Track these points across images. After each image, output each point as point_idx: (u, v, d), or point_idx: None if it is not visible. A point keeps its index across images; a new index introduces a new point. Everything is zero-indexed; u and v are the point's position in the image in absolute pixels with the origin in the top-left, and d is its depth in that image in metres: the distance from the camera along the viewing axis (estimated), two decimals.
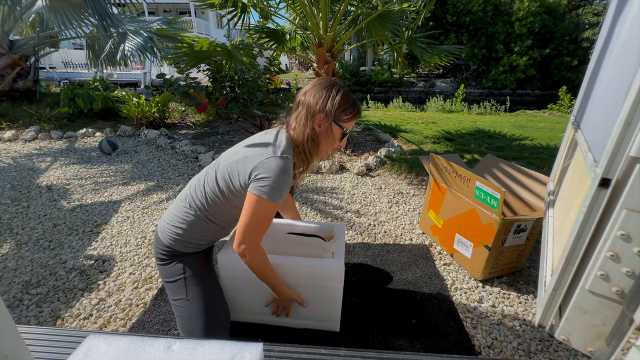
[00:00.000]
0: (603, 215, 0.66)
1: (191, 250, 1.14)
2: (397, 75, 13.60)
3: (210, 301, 1.08)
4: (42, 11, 5.47)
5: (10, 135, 4.10)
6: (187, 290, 1.08)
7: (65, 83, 8.74)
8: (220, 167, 1.07)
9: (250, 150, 1.02)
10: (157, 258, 1.15)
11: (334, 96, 1.01)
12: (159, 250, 1.14)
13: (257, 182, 0.96)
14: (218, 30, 21.47)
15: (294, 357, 0.65)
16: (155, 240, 1.16)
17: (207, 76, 5.40)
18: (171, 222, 1.11)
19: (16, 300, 1.54)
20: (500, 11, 12.22)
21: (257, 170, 0.96)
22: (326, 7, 3.26)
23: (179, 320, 1.08)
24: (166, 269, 1.12)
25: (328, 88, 1.02)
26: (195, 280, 1.10)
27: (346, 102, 1.03)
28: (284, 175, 0.97)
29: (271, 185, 0.95)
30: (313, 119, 1.02)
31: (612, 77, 0.86)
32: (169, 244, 1.11)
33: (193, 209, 1.09)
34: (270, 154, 0.98)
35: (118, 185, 2.83)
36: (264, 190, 0.95)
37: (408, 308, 1.50)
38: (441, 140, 4.41)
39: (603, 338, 0.67)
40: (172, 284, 1.11)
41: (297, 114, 1.05)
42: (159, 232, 1.15)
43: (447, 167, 1.81)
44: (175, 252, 1.12)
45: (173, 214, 1.12)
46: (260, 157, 0.98)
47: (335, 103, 1.01)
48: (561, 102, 7.50)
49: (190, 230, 1.09)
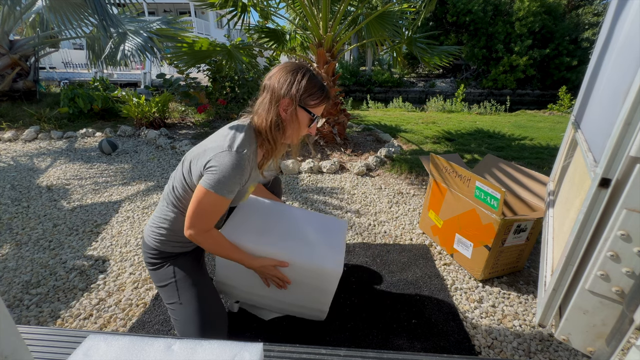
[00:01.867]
0: (603, 215, 0.66)
1: (178, 250, 1.14)
2: (397, 75, 13.60)
3: (204, 303, 1.07)
4: (42, 11, 5.47)
5: (10, 135, 4.10)
6: (180, 294, 1.07)
7: (65, 83, 8.74)
8: (185, 160, 1.07)
9: (210, 144, 1.00)
10: (147, 263, 1.14)
11: (299, 80, 0.97)
12: (147, 255, 1.13)
13: (207, 174, 0.95)
14: (218, 30, 21.48)
15: (294, 357, 0.65)
16: (142, 246, 1.16)
17: (207, 76, 5.40)
18: (154, 223, 1.12)
19: (16, 300, 1.54)
20: (500, 11, 12.22)
21: (210, 163, 0.95)
22: (326, 7, 3.26)
23: (175, 324, 1.08)
24: (157, 273, 1.12)
25: (294, 72, 0.98)
26: (186, 283, 1.09)
27: (313, 86, 0.99)
28: (235, 170, 0.94)
29: (219, 180, 0.93)
30: (278, 103, 0.98)
31: (612, 77, 0.86)
32: (155, 246, 1.11)
33: (171, 206, 1.09)
34: (225, 148, 0.95)
35: (118, 185, 2.83)
36: (211, 184, 0.94)
37: (408, 308, 1.50)
38: (441, 140, 4.41)
39: (603, 338, 0.67)
40: (164, 289, 1.10)
41: (262, 99, 1.01)
42: (145, 237, 1.14)
43: (447, 167, 1.81)
44: (163, 254, 1.12)
45: (155, 216, 1.13)
46: (215, 150, 0.96)
47: (301, 87, 0.97)
48: (561, 102, 7.50)
49: (173, 228, 1.10)
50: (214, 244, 1.05)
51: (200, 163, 0.98)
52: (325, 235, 1.28)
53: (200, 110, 5.27)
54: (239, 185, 1.00)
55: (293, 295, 1.22)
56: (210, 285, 1.17)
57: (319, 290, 1.20)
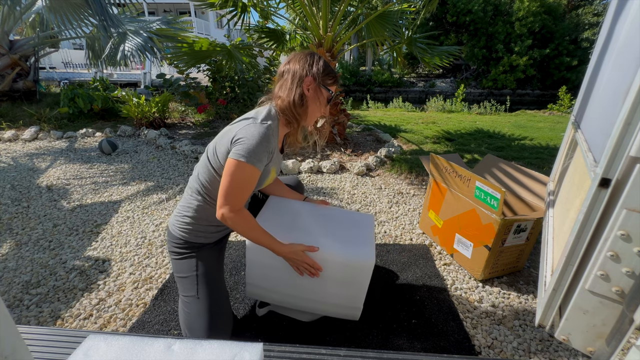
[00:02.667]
0: (603, 215, 0.66)
1: (202, 241, 1.15)
2: (397, 75, 13.60)
3: (218, 302, 1.09)
4: (42, 11, 5.47)
5: (10, 135, 4.10)
6: (198, 288, 1.09)
7: (65, 83, 8.74)
8: (209, 148, 1.11)
9: (234, 125, 1.07)
10: (172, 252, 1.16)
11: (317, 61, 1.08)
12: (172, 244, 1.15)
13: (235, 146, 0.99)
14: (218, 31, 21.48)
15: (294, 357, 0.65)
16: (167, 236, 1.18)
17: (207, 76, 5.39)
18: (179, 213, 1.14)
19: (16, 300, 1.54)
20: (500, 11, 12.23)
21: (237, 136, 0.99)
22: (326, 7, 3.26)
23: (184, 317, 1.08)
24: (180, 263, 1.13)
25: (310, 55, 1.09)
26: (207, 279, 1.11)
27: (328, 67, 1.11)
28: (262, 139, 0.98)
29: (248, 149, 0.97)
30: (301, 82, 1.07)
31: (612, 77, 0.86)
32: (180, 235, 1.13)
33: (195, 194, 1.12)
34: (250, 122, 1.02)
35: (118, 186, 2.83)
36: (242, 154, 0.97)
37: (408, 308, 1.50)
38: (441, 140, 4.41)
39: (603, 338, 0.67)
40: (184, 280, 1.11)
41: (282, 82, 1.09)
42: (169, 227, 1.17)
43: (447, 167, 1.81)
44: (188, 244, 1.13)
45: (181, 205, 1.16)
46: (239, 126, 1.02)
47: (320, 67, 1.08)
48: (561, 102, 7.50)
49: (197, 217, 1.12)
50: (246, 224, 1.05)
51: (225, 140, 1.02)
52: (354, 230, 1.28)
53: (200, 110, 5.27)
54: (266, 156, 1.03)
55: (327, 293, 1.20)
56: (225, 285, 1.18)
57: (352, 284, 1.18)
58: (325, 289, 1.19)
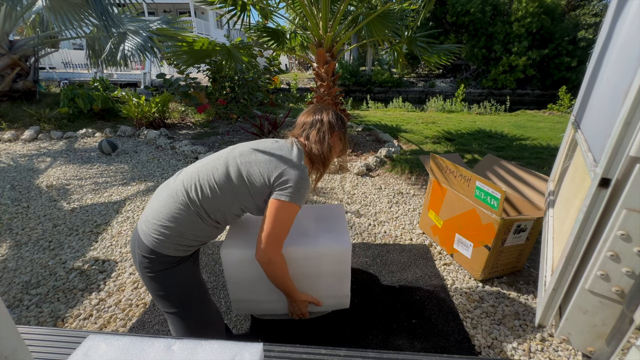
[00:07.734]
0: (603, 215, 0.66)
1: (180, 254, 1.03)
2: (397, 75, 13.60)
3: (202, 313, 1.09)
4: (42, 11, 5.47)
5: (10, 136, 4.10)
6: (180, 305, 1.05)
7: (65, 83, 8.73)
8: (231, 163, 1.06)
9: (271, 156, 1.10)
10: (144, 268, 1.00)
11: (340, 118, 1.24)
12: (144, 258, 1.00)
13: (281, 188, 1.03)
14: (218, 31, 21.48)
15: (294, 357, 0.65)
16: (136, 246, 1.01)
17: (207, 76, 5.40)
18: (157, 220, 0.99)
19: (16, 300, 1.54)
20: (500, 11, 12.23)
21: (282, 177, 1.04)
22: (326, 7, 3.26)
23: (172, 329, 1.10)
24: (155, 280, 1.01)
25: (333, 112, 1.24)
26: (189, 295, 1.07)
27: (344, 122, 1.26)
28: (305, 182, 1.06)
29: (296, 191, 1.03)
30: (332, 135, 1.20)
31: (612, 77, 0.86)
32: (154, 246, 0.98)
33: (185, 205, 1.00)
34: (293, 163, 1.07)
35: (118, 186, 2.83)
36: (290, 195, 1.02)
37: (408, 308, 1.50)
38: (441, 140, 4.41)
39: (603, 338, 0.67)
40: (163, 298, 1.04)
41: (317, 130, 1.19)
42: (141, 235, 1.00)
43: (447, 167, 1.80)
44: (163, 258, 1.00)
45: (159, 211, 1.00)
46: (283, 164, 1.07)
47: (342, 123, 1.24)
48: (561, 102, 7.50)
49: (180, 229, 1.00)
50: (283, 269, 1.09)
51: (266, 172, 1.05)
52: (326, 222, 1.34)
53: (200, 110, 5.27)
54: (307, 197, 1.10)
55: (314, 288, 1.25)
56: (207, 291, 1.16)
57: (335, 274, 1.24)
58: (311, 284, 1.24)
